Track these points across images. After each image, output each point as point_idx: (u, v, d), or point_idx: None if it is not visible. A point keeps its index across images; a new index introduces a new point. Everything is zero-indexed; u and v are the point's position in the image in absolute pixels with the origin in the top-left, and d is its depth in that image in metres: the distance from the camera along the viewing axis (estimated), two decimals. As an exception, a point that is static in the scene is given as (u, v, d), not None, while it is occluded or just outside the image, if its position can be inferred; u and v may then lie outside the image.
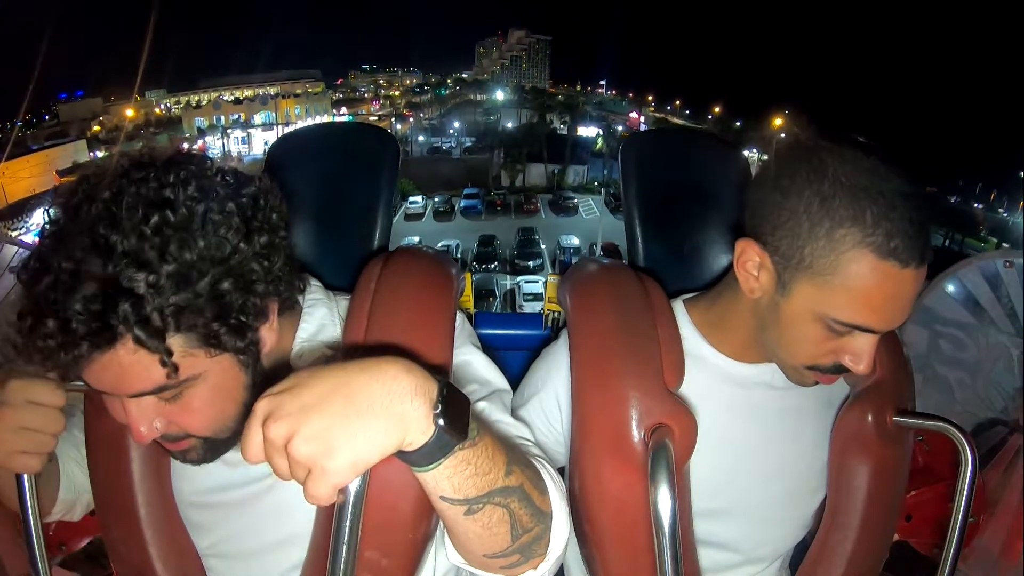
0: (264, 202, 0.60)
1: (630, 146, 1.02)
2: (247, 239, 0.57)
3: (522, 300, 17.03)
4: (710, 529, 0.76)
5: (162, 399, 0.57)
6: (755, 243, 0.68)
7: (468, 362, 0.74)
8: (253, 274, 0.57)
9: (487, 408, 0.69)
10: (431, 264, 0.76)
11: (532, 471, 0.58)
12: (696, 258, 0.91)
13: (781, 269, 0.66)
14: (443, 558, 0.76)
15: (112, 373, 0.53)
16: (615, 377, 0.70)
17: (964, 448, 0.70)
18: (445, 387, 0.48)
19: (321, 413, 0.43)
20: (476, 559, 0.58)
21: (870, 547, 0.78)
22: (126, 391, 0.55)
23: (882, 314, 0.63)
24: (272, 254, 0.59)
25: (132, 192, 0.53)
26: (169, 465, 0.74)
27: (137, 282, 0.51)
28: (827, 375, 0.69)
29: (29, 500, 0.64)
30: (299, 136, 1.06)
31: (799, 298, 0.65)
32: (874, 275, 0.61)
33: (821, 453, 0.80)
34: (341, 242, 0.92)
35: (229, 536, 0.72)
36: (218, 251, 0.54)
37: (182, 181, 0.55)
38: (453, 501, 0.50)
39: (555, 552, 0.61)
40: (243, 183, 0.60)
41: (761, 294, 0.69)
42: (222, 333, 0.55)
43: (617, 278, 0.80)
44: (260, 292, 0.58)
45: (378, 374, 0.45)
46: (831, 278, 0.62)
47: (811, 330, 0.66)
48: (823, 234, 0.62)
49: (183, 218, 0.53)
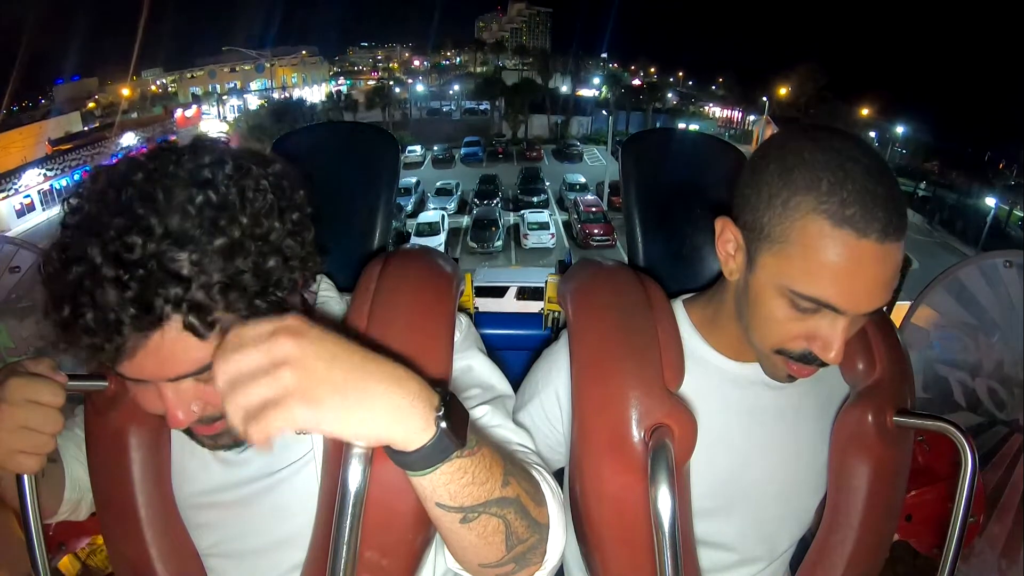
0: (288, 181, 0.61)
1: (630, 146, 1.02)
2: (281, 217, 0.57)
3: (527, 229, 16.78)
4: (708, 529, 0.76)
5: (200, 380, 0.56)
6: (731, 221, 0.69)
7: (471, 366, 0.74)
8: (289, 250, 0.58)
9: (489, 413, 0.69)
10: (431, 264, 0.76)
11: (530, 482, 0.58)
12: (696, 258, 0.91)
13: (749, 243, 0.67)
14: (443, 559, 0.76)
15: (154, 358, 0.52)
16: (615, 377, 0.70)
17: (964, 448, 0.70)
18: (447, 396, 0.48)
19: (328, 367, 0.43)
20: (471, 567, 0.58)
21: (870, 547, 0.78)
22: (168, 375, 0.54)
23: (843, 288, 0.60)
24: (302, 231, 0.60)
25: (169, 172, 0.53)
26: (169, 465, 0.73)
27: (180, 262, 0.50)
28: (799, 365, 0.67)
29: (29, 500, 0.64)
30: (299, 136, 1.06)
31: (762, 271, 0.65)
32: (830, 243, 0.59)
33: (820, 453, 0.80)
34: (341, 242, 0.92)
35: (229, 536, 0.72)
36: (259, 228, 0.55)
37: (218, 161, 0.55)
38: (448, 508, 0.50)
39: (551, 561, 0.61)
40: (267, 162, 0.60)
41: (738, 275, 0.70)
42: (264, 309, 0.55)
43: (617, 278, 0.81)
44: (295, 267, 0.59)
45: (387, 367, 0.46)
46: (787, 246, 0.62)
47: (776, 307, 0.65)
48: (780, 203, 0.62)
49: (224, 197, 0.53)
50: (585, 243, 16.39)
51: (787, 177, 0.62)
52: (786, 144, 0.64)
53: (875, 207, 0.58)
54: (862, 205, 0.58)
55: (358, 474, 0.49)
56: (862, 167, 0.60)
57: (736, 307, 0.72)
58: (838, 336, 0.63)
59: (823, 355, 0.64)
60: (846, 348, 0.80)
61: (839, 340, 0.63)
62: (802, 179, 0.61)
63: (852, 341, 0.79)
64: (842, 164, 0.60)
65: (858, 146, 0.62)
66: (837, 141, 0.62)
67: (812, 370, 0.68)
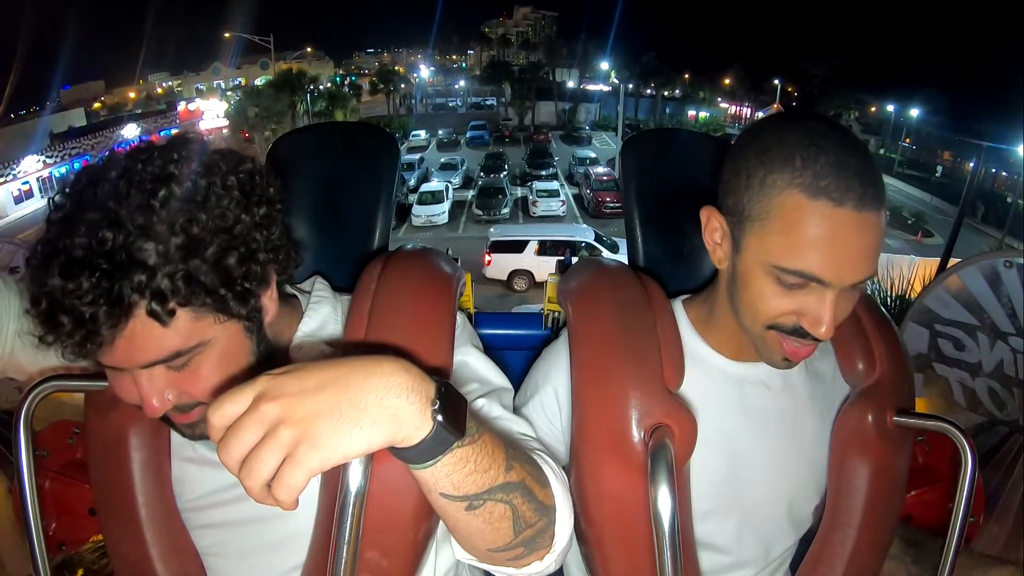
0: (260, 177, 0.63)
1: (630, 146, 1.02)
2: (247, 210, 0.60)
3: (536, 197, 16.61)
4: (704, 530, 0.76)
5: (172, 368, 0.58)
6: (716, 210, 0.70)
7: (467, 362, 0.74)
8: (254, 243, 0.60)
9: (486, 405, 0.69)
10: (431, 264, 0.76)
11: (533, 466, 0.59)
12: (696, 258, 0.91)
13: (733, 228, 0.68)
14: (444, 558, 0.76)
15: (125, 346, 0.55)
16: (615, 377, 0.70)
17: (964, 448, 0.70)
18: (443, 386, 0.48)
19: (315, 399, 0.43)
20: (480, 553, 0.59)
21: (870, 547, 0.78)
22: (138, 362, 0.56)
23: (825, 259, 0.61)
24: (271, 224, 0.63)
25: (138, 170, 0.56)
26: (169, 465, 0.73)
27: (147, 252, 0.53)
28: (793, 344, 0.67)
29: (29, 500, 0.64)
30: (299, 136, 1.06)
31: (747, 252, 0.66)
32: (808, 216, 0.61)
33: (820, 456, 0.79)
34: (341, 242, 0.92)
35: (229, 536, 0.72)
36: (222, 221, 0.57)
37: (185, 158, 0.58)
38: (453, 498, 0.50)
39: (560, 543, 0.61)
40: (240, 160, 0.63)
41: (727, 262, 0.70)
42: (228, 299, 0.57)
43: (617, 278, 0.81)
44: (261, 260, 0.61)
45: (375, 369, 0.45)
46: (767, 223, 0.63)
47: (764, 285, 0.65)
48: (757, 183, 0.64)
49: (188, 191, 0.56)
50: (597, 211, 16.37)
51: (763, 157, 0.64)
52: (762, 128, 0.67)
53: (849, 177, 0.60)
54: (836, 176, 0.60)
55: (358, 474, 0.48)
56: (834, 141, 0.62)
57: (728, 296, 0.72)
58: (827, 310, 0.63)
59: (814, 330, 0.64)
60: (846, 348, 0.80)
61: (828, 314, 0.63)
62: (777, 158, 0.63)
63: (852, 341, 0.80)
64: (814, 140, 0.62)
65: (830, 125, 0.64)
66: (810, 121, 0.64)
67: (808, 349, 0.68)
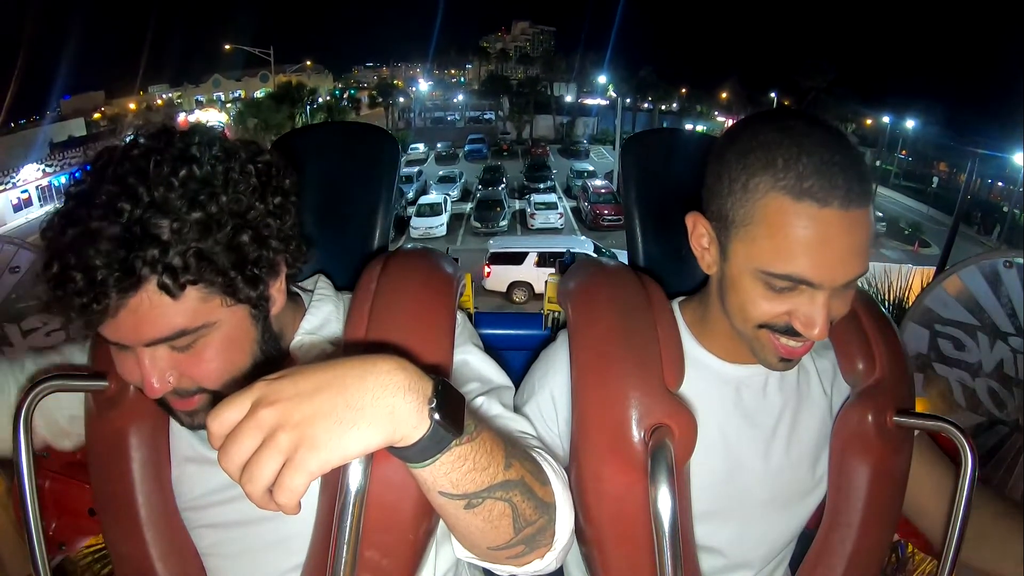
0: (276, 169, 0.64)
1: (630, 146, 1.02)
2: (262, 198, 0.61)
3: (534, 210, 16.57)
4: (700, 532, 0.76)
5: (175, 348, 0.59)
6: (701, 216, 0.69)
7: (467, 361, 0.74)
8: (267, 230, 0.61)
9: (485, 403, 0.69)
10: (431, 264, 0.76)
11: (532, 463, 0.59)
12: (696, 258, 0.90)
13: (719, 233, 0.67)
14: (444, 557, 0.76)
15: (132, 319, 0.55)
16: (615, 377, 0.70)
17: (964, 448, 0.70)
18: (440, 384, 0.47)
19: (312, 402, 0.43)
20: (481, 551, 0.59)
21: (870, 547, 0.78)
22: (144, 338, 0.57)
23: (814, 261, 0.60)
24: (284, 214, 0.63)
25: (160, 149, 0.57)
26: (170, 465, 0.74)
27: (162, 228, 0.54)
28: (787, 343, 0.67)
29: (29, 500, 0.64)
30: (299, 136, 1.06)
31: (734, 258, 0.66)
32: (794, 218, 0.60)
33: (819, 458, 0.79)
34: (341, 242, 0.92)
35: (229, 536, 0.72)
36: (237, 205, 0.59)
37: (205, 143, 0.60)
38: (452, 496, 0.50)
39: (560, 541, 0.61)
40: (259, 151, 0.64)
41: (716, 267, 0.70)
42: (238, 281, 0.58)
43: (617, 278, 0.80)
44: (273, 247, 0.62)
45: (371, 368, 0.45)
46: (752, 228, 0.62)
47: (753, 290, 0.65)
48: (739, 187, 0.63)
49: (207, 173, 0.58)
50: (595, 224, 16.35)
51: (744, 160, 0.63)
52: (742, 130, 0.65)
53: (833, 175, 0.59)
54: (819, 175, 0.59)
55: (358, 474, 0.48)
56: (816, 139, 0.60)
57: (719, 300, 0.72)
58: (819, 311, 0.63)
59: (807, 332, 0.64)
60: (846, 348, 0.80)
61: (821, 316, 0.63)
62: (758, 160, 0.62)
63: (852, 341, 0.80)
64: (796, 140, 0.60)
65: (812, 122, 0.62)
66: (790, 120, 0.63)
67: (803, 347, 0.67)
